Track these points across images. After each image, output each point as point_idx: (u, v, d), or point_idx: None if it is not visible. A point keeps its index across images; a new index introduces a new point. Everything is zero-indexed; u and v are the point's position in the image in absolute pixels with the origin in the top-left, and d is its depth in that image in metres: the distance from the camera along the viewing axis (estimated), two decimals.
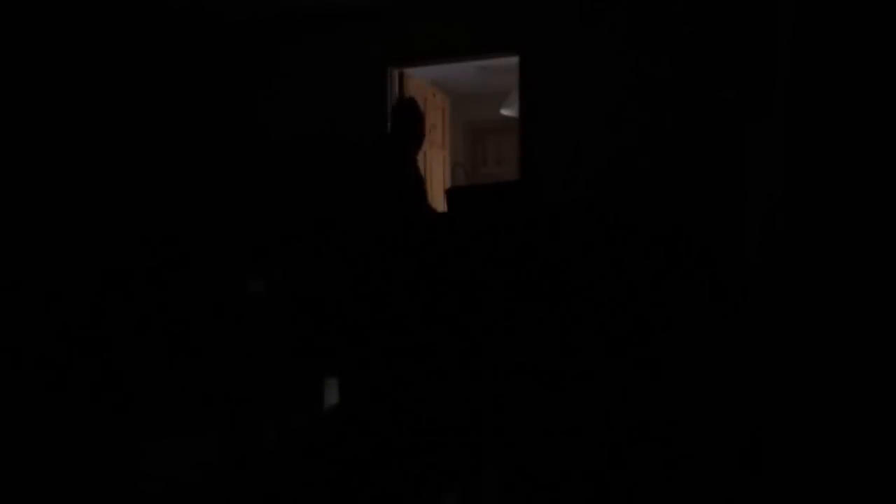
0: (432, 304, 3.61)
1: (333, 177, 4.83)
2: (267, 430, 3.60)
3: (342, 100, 4.76)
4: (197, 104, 4.81)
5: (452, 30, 4.36)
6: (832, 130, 3.20)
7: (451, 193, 4.33)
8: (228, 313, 4.43)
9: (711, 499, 2.80)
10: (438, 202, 4.86)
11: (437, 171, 5.17)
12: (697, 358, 3.40)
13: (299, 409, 3.83)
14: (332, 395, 3.90)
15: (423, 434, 3.17)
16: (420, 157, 4.95)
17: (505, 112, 5.50)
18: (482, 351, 3.42)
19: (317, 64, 4.85)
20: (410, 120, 4.04)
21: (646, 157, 3.84)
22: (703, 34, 3.70)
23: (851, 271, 3.33)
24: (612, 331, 3.51)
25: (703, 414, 3.21)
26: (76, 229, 4.26)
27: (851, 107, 3.18)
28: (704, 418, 3.19)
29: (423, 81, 5.04)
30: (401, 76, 4.66)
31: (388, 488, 2.83)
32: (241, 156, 5.01)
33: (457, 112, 6.26)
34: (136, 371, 4.21)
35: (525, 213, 3.94)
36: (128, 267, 4.45)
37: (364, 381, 3.78)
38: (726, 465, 2.96)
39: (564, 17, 4.03)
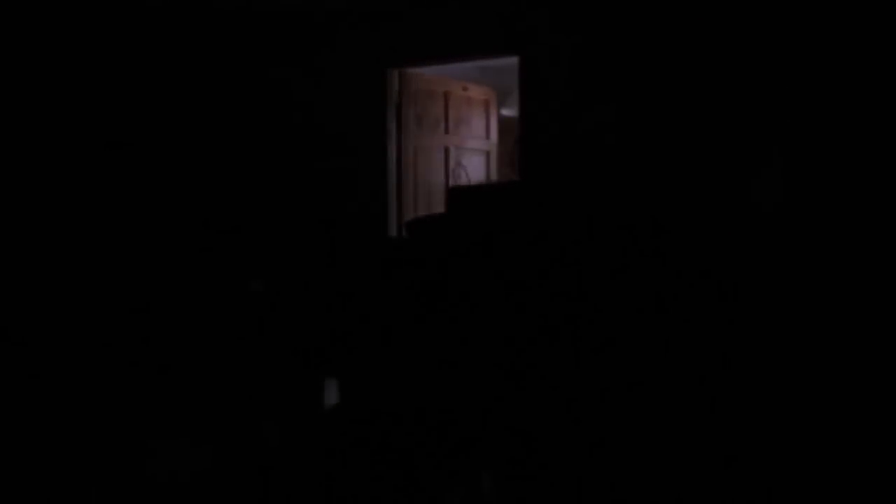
0: (433, 303, 3.61)
1: (334, 177, 4.83)
2: (267, 430, 3.60)
3: (343, 100, 4.76)
4: (196, 103, 4.81)
5: (452, 30, 4.36)
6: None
7: (451, 193, 4.32)
8: (229, 313, 4.43)
9: (710, 497, 2.80)
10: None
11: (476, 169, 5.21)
12: (697, 357, 3.40)
13: (299, 409, 3.83)
14: (332, 395, 3.89)
15: (424, 434, 3.17)
16: (459, 152, 4.99)
17: (505, 112, 5.51)
18: (483, 351, 3.42)
19: (319, 65, 4.86)
20: None
21: (647, 157, 3.84)
22: (703, 38, 3.70)
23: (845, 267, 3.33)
24: (612, 331, 3.51)
25: (702, 412, 3.21)
26: (77, 227, 4.25)
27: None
28: (702, 417, 3.19)
29: (440, 77, 4.99)
30: (401, 76, 4.66)
31: (389, 488, 2.83)
32: (242, 155, 5.01)
33: None
34: (136, 371, 4.21)
35: (525, 213, 3.93)
36: (128, 266, 4.44)
37: (364, 381, 3.78)
38: (725, 463, 2.96)
39: (565, 18, 4.03)
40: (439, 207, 4.86)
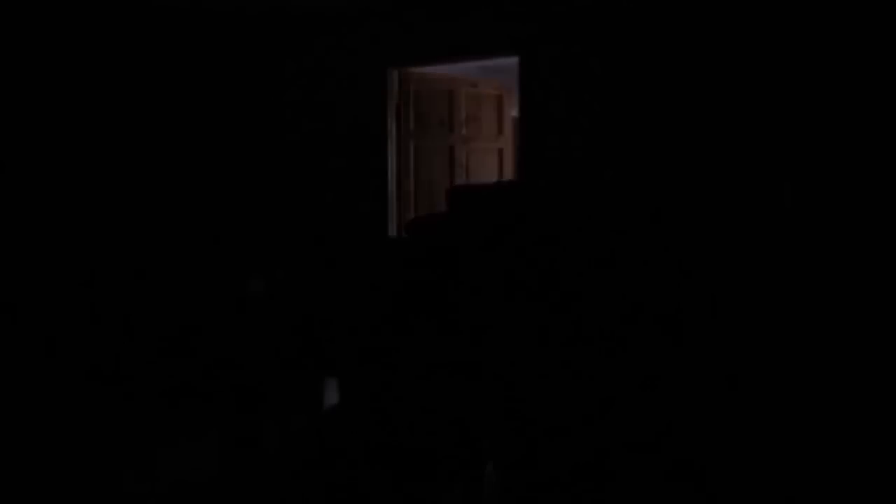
0: (432, 302, 3.61)
1: (334, 177, 4.83)
2: (267, 430, 3.59)
3: (343, 99, 4.76)
4: (196, 103, 4.81)
5: (452, 30, 4.36)
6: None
7: (451, 193, 4.32)
8: (228, 313, 4.43)
9: (708, 497, 2.80)
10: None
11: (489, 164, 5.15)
12: (695, 355, 3.40)
13: (299, 409, 3.83)
14: (332, 395, 3.89)
15: (424, 433, 3.16)
16: (464, 150, 4.95)
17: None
18: (483, 350, 3.42)
19: (319, 65, 4.86)
20: None
21: (646, 157, 3.84)
22: (697, 38, 3.70)
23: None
24: (611, 330, 3.51)
25: (700, 412, 3.21)
26: (78, 226, 4.25)
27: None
28: (701, 416, 3.19)
29: (443, 76, 4.96)
30: (401, 75, 4.66)
31: (389, 488, 2.83)
32: (243, 155, 5.01)
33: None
34: (136, 371, 4.21)
35: (525, 213, 3.93)
36: (128, 266, 4.44)
37: (364, 381, 3.78)
38: (725, 461, 2.96)
39: (564, 18, 4.03)
40: (441, 207, 4.84)
